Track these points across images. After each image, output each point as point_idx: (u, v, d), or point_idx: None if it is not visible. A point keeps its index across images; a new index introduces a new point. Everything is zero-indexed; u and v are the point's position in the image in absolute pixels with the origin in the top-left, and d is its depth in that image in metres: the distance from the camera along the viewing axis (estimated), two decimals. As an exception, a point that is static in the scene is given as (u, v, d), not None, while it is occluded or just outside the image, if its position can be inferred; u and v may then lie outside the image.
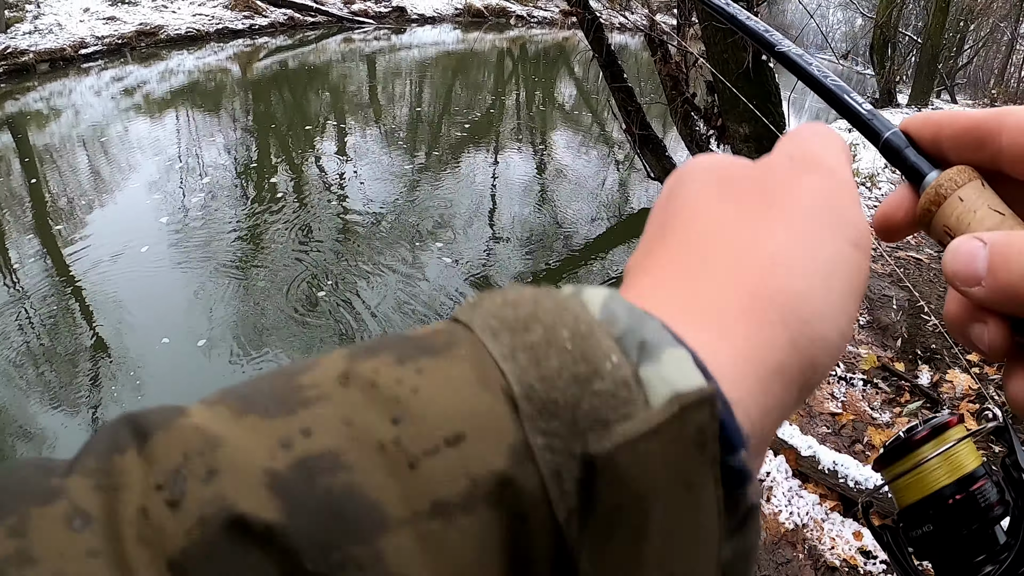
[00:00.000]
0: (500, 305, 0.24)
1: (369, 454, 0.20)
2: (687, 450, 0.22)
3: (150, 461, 0.21)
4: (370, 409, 0.21)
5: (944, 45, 18.77)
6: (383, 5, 23.83)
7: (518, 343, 0.22)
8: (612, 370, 0.22)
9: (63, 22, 16.86)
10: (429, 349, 0.23)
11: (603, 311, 0.24)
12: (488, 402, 0.21)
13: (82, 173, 9.61)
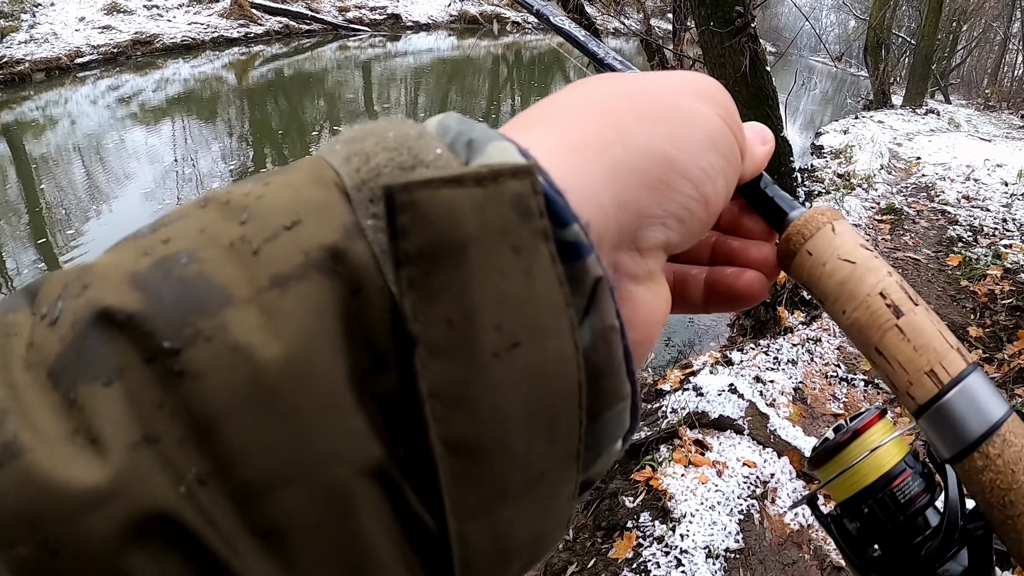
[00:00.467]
0: (343, 132, 0.27)
1: (219, 250, 0.22)
2: (505, 211, 0.23)
3: (38, 306, 0.23)
4: (222, 218, 0.23)
5: (937, 46, 18.85)
6: (378, 12, 23.87)
7: (352, 150, 0.25)
8: (435, 159, 0.25)
9: (58, 31, 16.86)
10: (281, 171, 0.26)
11: (438, 126, 0.28)
12: (322, 195, 0.24)
13: (79, 182, 9.61)
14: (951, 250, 6.07)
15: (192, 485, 0.20)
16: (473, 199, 0.23)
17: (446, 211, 0.22)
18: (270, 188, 0.24)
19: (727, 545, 2.95)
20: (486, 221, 0.23)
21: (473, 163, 0.25)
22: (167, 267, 0.22)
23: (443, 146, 0.26)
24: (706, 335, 6.05)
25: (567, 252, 0.25)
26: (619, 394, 0.27)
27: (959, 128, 14.53)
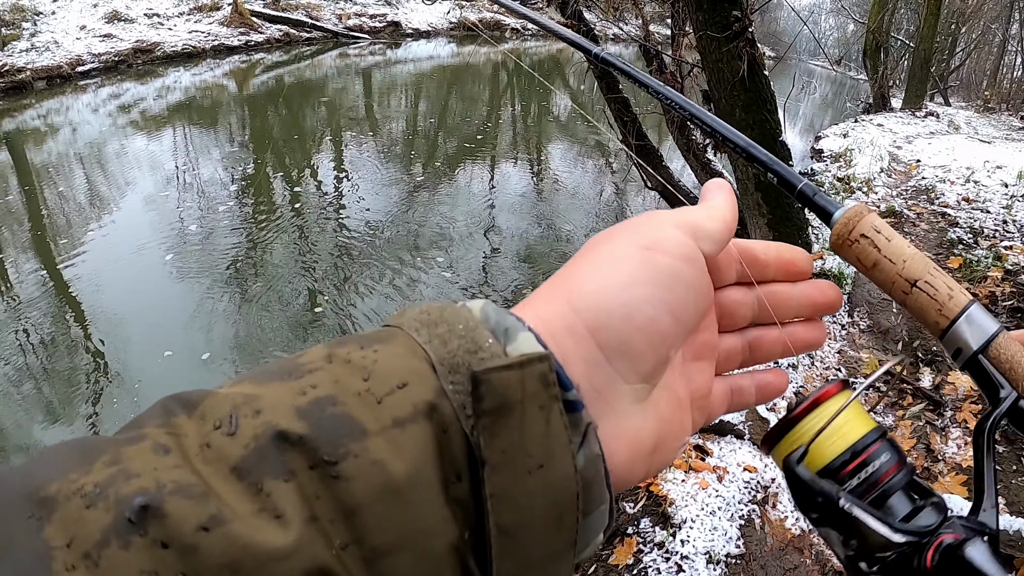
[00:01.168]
0: (418, 313, 0.39)
1: (353, 397, 0.34)
2: (535, 384, 0.36)
3: (202, 418, 0.33)
4: (349, 373, 0.35)
5: (936, 48, 18.85)
6: (378, 20, 23.91)
7: (432, 333, 0.37)
8: (489, 347, 0.37)
9: (60, 39, 16.91)
10: (379, 339, 0.37)
11: (481, 312, 0.39)
12: (419, 366, 0.36)
13: (80, 190, 9.63)
14: (952, 252, 6.06)
15: (339, 549, 0.31)
16: (518, 377, 0.35)
17: (504, 386, 0.35)
18: (380, 356, 0.36)
19: (728, 550, 2.95)
20: (525, 390, 0.35)
21: (510, 346, 0.38)
22: (321, 405, 0.33)
23: (490, 334, 0.38)
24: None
25: (570, 406, 0.37)
26: (602, 499, 0.39)
27: (959, 130, 14.52)
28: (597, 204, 9.61)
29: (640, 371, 0.42)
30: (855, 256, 0.55)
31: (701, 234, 0.46)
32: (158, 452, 0.31)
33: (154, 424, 0.33)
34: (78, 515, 0.29)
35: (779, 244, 0.55)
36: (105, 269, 6.95)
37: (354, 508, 0.32)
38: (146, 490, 0.29)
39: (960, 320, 0.52)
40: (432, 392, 0.35)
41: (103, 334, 5.85)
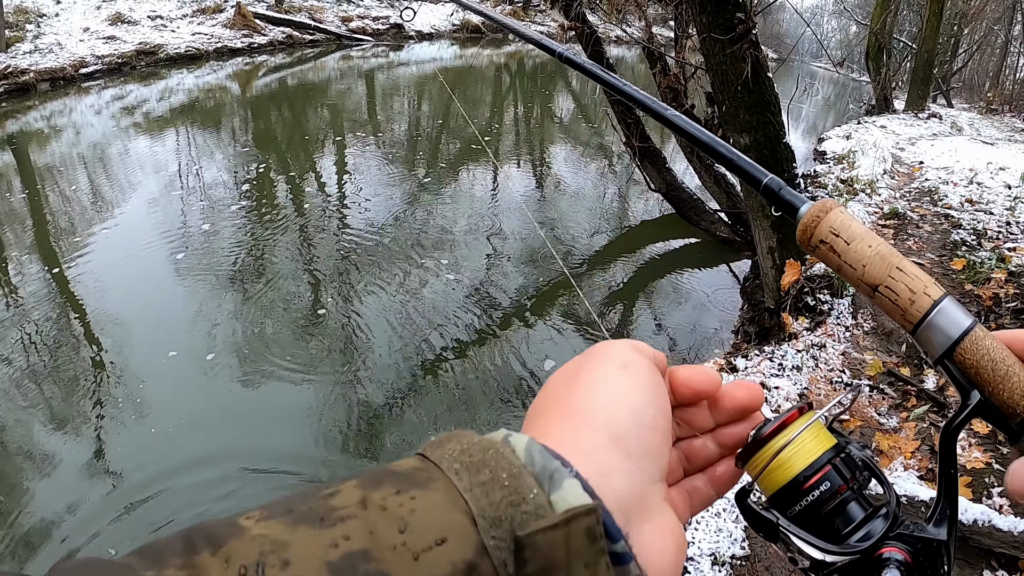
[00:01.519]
0: (459, 452, 0.38)
1: (388, 551, 0.32)
2: (581, 540, 0.35)
3: (227, 561, 0.31)
4: (385, 523, 0.34)
5: (939, 50, 18.84)
6: (381, 22, 23.93)
7: (474, 480, 0.36)
8: (534, 498, 0.36)
9: (63, 41, 16.94)
10: (416, 482, 0.36)
11: (525, 454, 0.38)
12: (459, 519, 0.34)
13: (83, 191, 9.64)
14: (955, 254, 6.06)
15: None
16: (563, 536, 0.34)
17: (549, 546, 0.34)
18: (418, 504, 0.35)
19: (733, 552, 2.95)
20: (570, 549, 0.34)
21: (555, 494, 0.36)
22: (354, 560, 0.32)
23: (536, 485, 0.36)
24: (710, 341, 6.06)
25: (617, 559, 0.37)
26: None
27: (961, 132, 14.52)
28: (600, 206, 9.61)
29: (662, 467, 0.45)
30: (821, 258, 0.58)
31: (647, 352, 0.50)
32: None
33: (176, 565, 0.31)
34: None
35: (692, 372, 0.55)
36: (109, 270, 6.96)
37: None
38: None
39: (923, 325, 0.54)
40: (472, 550, 0.33)
41: (107, 334, 5.86)
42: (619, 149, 9.98)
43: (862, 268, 0.55)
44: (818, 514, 0.51)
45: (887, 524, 0.51)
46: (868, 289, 0.55)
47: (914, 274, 0.54)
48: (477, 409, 5.04)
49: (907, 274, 0.54)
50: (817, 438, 0.53)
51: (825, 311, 5.00)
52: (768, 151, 4.92)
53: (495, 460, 0.37)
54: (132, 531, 3.85)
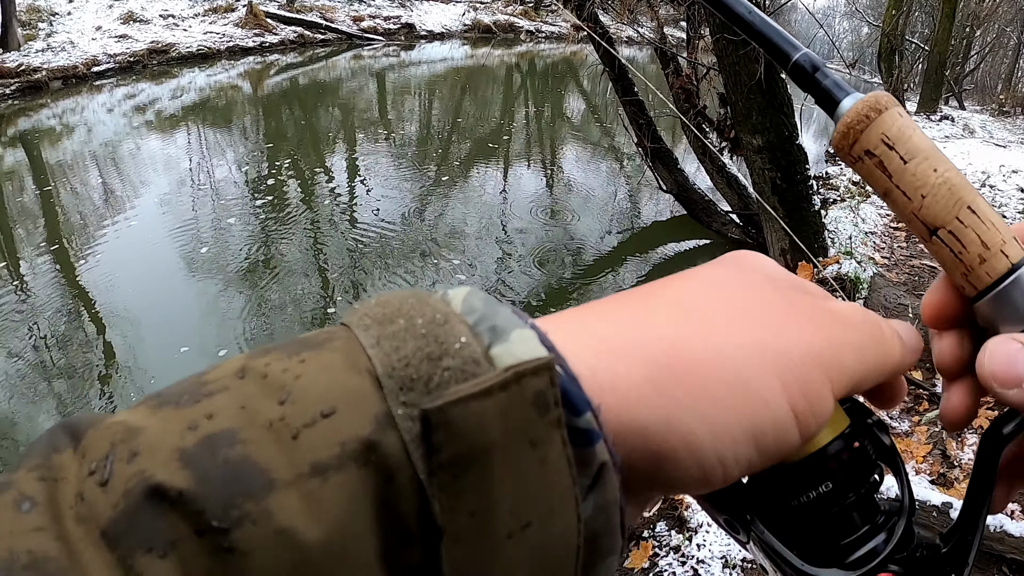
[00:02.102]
0: (373, 305, 0.29)
1: (260, 430, 0.25)
2: (526, 411, 0.26)
3: (83, 454, 0.25)
4: (261, 395, 0.26)
5: (951, 52, 18.76)
6: (392, 22, 23.95)
7: (383, 332, 0.27)
8: (460, 348, 0.27)
9: (75, 40, 17.01)
10: (312, 344, 0.28)
11: (463, 304, 0.29)
12: (356, 382, 0.26)
13: (95, 189, 9.69)
14: (968, 258, 6.03)
15: None
16: (498, 406, 0.25)
17: (475, 425, 0.25)
18: (307, 367, 0.26)
19: (744, 555, 2.94)
20: (508, 425, 0.25)
21: (495, 349, 0.27)
22: (213, 446, 0.24)
23: (468, 332, 0.27)
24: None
25: (579, 438, 0.27)
26: (611, 550, 0.29)
27: (974, 134, 14.47)
28: (611, 206, 9.60)
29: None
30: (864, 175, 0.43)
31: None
32: (20, 507, 0.24)
33: (32, 462, 0.26)
34: None
35: None
36: (120, 267, 6.99)
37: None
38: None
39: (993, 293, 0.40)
40: (371, 423, 0.25)
41: (118, 330, 5.89)
42: (630, 150, 9.95)
43: (920, 200, 0.40)
44: (812, 517, 0.40)
45: (895, 542, 0.40)
46: (924, 230, 0.41)
47: (990, 221, 0.40)
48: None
49: (982, 219, 0.40)
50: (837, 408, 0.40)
51: (837, 314, 4.98)
52: (781, 152, 4.91)
53: (416, 308, 0.28)
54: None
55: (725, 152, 6.71)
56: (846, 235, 6.11)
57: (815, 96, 0.46)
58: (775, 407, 0.32)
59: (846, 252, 5.45)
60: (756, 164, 5.05)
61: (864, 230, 6.44)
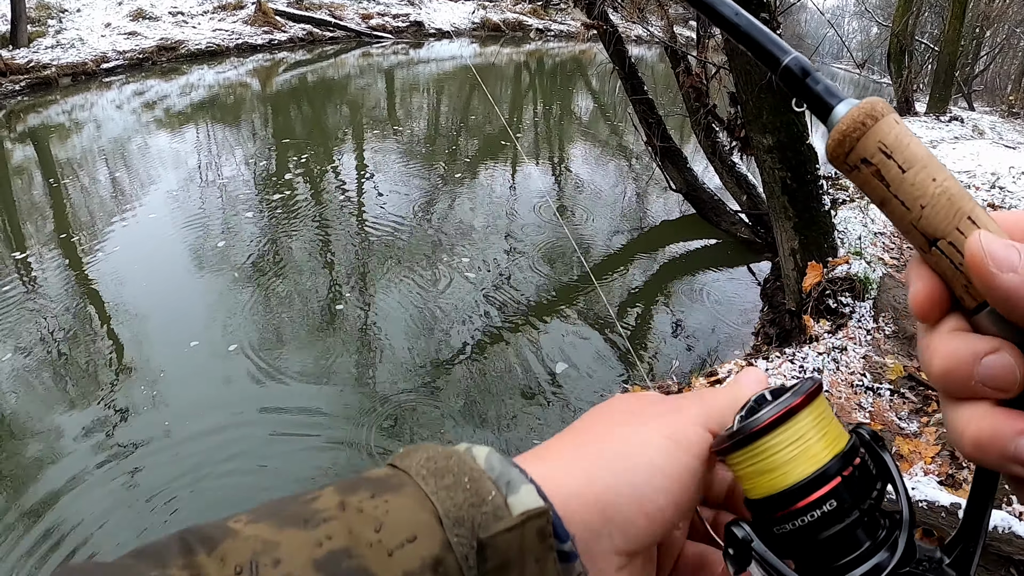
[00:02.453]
0: (426, 460, 0.42)
1: (366, 548, 0.36)
2: (533, 539, 0.39)
3: (222, 561, 0.35)
4: (362, 524, 0.38)
5: (961, 52, 18.70)
6: (401, 20, 23.99)
7: (439, 484, 0.40)
8: (492, 499, 0.40)
9: (85, 37, 17.06)
10: (388, 487, 0.40)
11: (486, 462, 0.42)
12: (427, 519, 0.38)
13: (104, 185, 9.71)
14: (977, 259, 6.02)
15: None
16: (519, 535, 0.39)
17: (506, 546, 0.38)
18: (391, 506, 0.39)
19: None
20: (524, 545, 0.39)
21: (512, 497, 0.40)
22: (337, 558, 0.36)
23: (493, 487, 0.40)
24: (730, 343, 6.04)
25: (564, 556, 0.40)
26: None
27: (983, 135, 14.42)
28: (620, 205, 9.59)
29: (632, 548, 0.46)
30: (860, 184, 0.43)
31: (699, 442, 0.48)
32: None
33: (178, 565, 0.34)
34: None
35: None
36: (129, 262, 7.01)
37: None
38: None
39: (989, 307, 0.39)
40: (439, 546, 0.38)
41: (127, 325, 5.91)
42: (638, 148, 9.97)
43: (919, 210, 0.40)
44: (812, 538, 0.41)
45: (899, 556, 0.41)
46: (923, 240, 0.40)
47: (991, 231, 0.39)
48: (493, 405, 5.04)
49: (983, 224, 0.40)
50: (826, 434, 0.42)
51: (846, 314, 4.98)
52: (791, 152, 4.90)
53: (457, 466, 0.41)
54: (149, 521, 3.88)
55: (735, 151, 6.71)
56: (855, 235, 6.10)
57: (807, 101, 0.46)
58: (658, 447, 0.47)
59: (855, 252, 5.44)
60: (766, 163, 5.05)
61: (874, 231, 6.43)
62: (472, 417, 4.90)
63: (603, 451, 0.47)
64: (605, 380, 5.38)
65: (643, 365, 5.65)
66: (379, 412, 4.87)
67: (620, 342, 5.94)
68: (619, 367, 5.59)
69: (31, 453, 4.49)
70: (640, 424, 0.49)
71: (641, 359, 5.74)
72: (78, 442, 4.57)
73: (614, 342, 5.93)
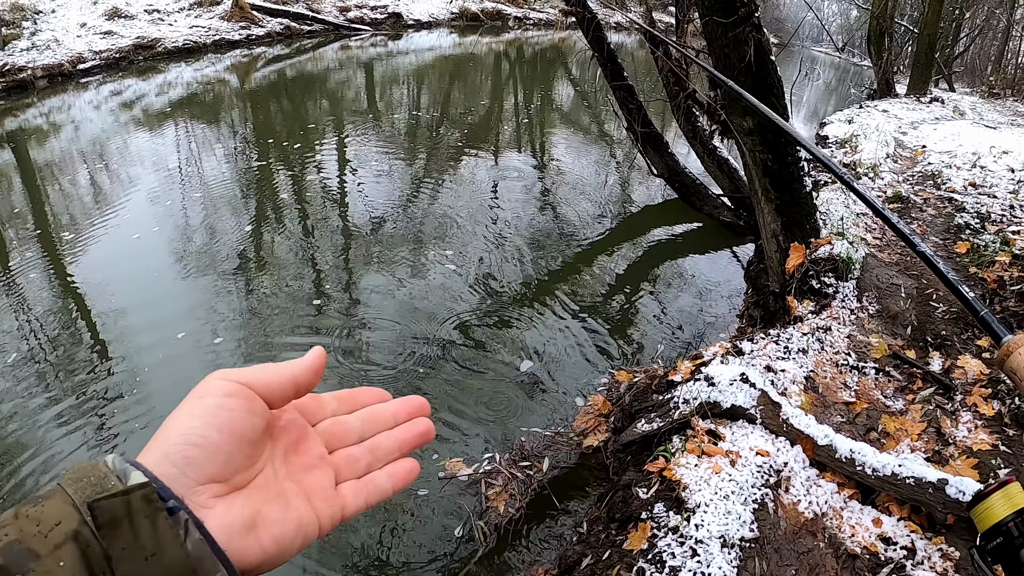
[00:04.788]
0: (74, 473, 0.55)
1: (31, 537, 0.50)
2: (139, 502, 0.53)
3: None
4: (28, 522, 0.51)
5: (940, 34, 18.76)
6: (379, 12, 23.86)
7: (77, 486, 0.53)
8: (113, 487, 0.53)
9: (60, 38, 16.89)
10: (47, 497, 0.53)
11: (111, 464, 0.56)
12: (68, 509, 0.52)
13: (83, 187, 9.63)
14: (959, 237, 6.05)
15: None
16: (123, 501, 0.51)
17: (111, 507, 0.51)
18: (46, 507, 0.51)
19: (742, 534, 2.94)
20: (131, 507, 0.51)
21: (129, 482, 0.53)
22: (11, 545, 0.49)
23: (116, 478, 0.54)
24: (715, 326, 6.05)
25: (172, 511, 0.53)
26: (215, 568, 0.55)
27: (964, 116, 14.48)
28: (602, 192, 9.59)
29: (205, 475, 0.58)
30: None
31: (254, 382, 0.63)
32: None
33: None
34: None
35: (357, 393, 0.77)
36: (111, 260, 6.98)
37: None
38: None
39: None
40: (76, 523, 0.50)
41: (113, 320, 5.88)
42: (620, 135, 9.94)
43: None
44: (1008, 549, 0.81)
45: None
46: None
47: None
48: (475, 395, 5.03)
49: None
50: (1012, 500, 0.83)
51: (830, 294, 4.99)
52: (772, 134, 4.89)
53: (91, 472, 0.54)
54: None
55: (715, 135, 6.70)
56: (838, 216, 6.11)
57: (984, 328, 0.97)
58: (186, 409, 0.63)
59: (838, 233, 5.45)
60: (747, 146, 5.04)
61: (856, 211, 6.44)
62: (455, 409, 4.89)
63: (165, 429, 0.59)
64: (589, 368, 5.38)
65: (629, 348, 5.66)
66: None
67: (604, 328, 5.94)
68: (602, 354, 5.59)
69: (14, 448, 4.46)
70: (182, 403, 0.62)
71: (629, 344, 5.75)
72: (59, 430, 4.54)
73: (597, 329, 5.93)
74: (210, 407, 0.60)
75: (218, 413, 0.60)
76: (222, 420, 0.60)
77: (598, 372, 5.29)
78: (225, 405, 0.61)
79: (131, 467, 0.55)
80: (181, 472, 0.57)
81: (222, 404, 0.61)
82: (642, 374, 4.64)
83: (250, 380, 0.63)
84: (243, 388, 0.62)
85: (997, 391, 3.94)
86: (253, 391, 0.63)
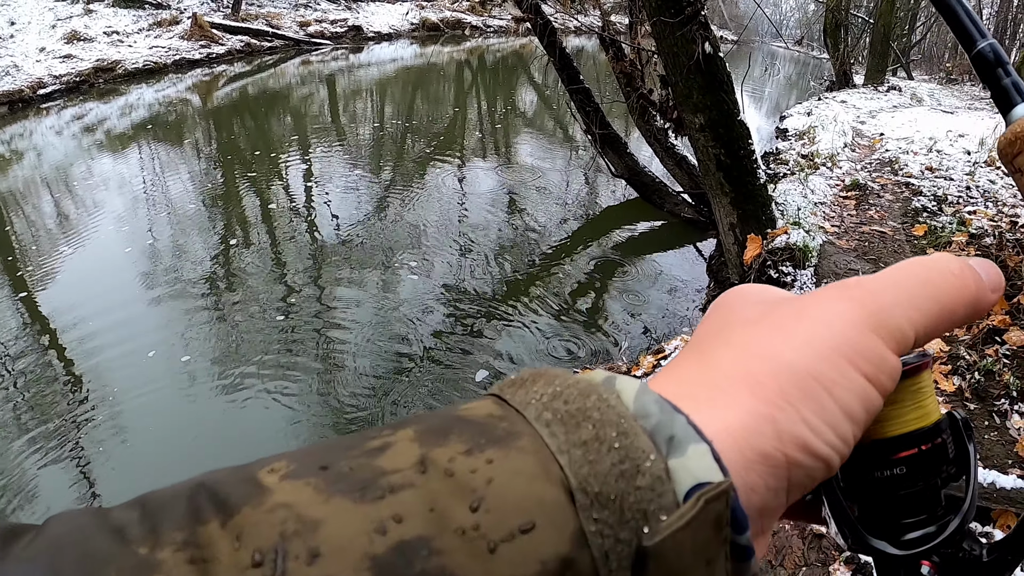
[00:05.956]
0: (550, 397, 0.29)
1: (454, 538, 0.24)
2: (708, 533, 0.26)
3: (237, 535, 0.24)
4: (450, 496, 0.25)
5: (896, 23, 19.01)
6: (339, 25, 23.84)
7: (572, 439, 0.27)
8: (651, 467, 0.27)
9: (19, 63, 16.74)
10: (494, 439, 0.27)
11: (636, 403, 0.29)
12: (553, 494, 0.25)
13: (48, 214, 9.56)
14: (916, 220, 6.15)
15: None
16: (692, 535, 0.26)
17: (676, 554, 0.26)
18: (496, 470, 0.26)
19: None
20: (696, 547, 0.26)
21: (672, 462, 0.27)
22: (407, 556, 0.23)
23: (653, 448, 0.27)
24: (679, 320, 6.11)
25: (739, 553, 0.28)
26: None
27: (922, 103, 14.70)
28: (567, 194, 9.65)
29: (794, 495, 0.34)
30: (1021, 187, 0.43)
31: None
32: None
33: (175, 541, 0.23)
34: None
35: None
36: (79, 284, 6.93)
37: None
38: None
39: None
40: (569, 541, 0.25)
41: (82, 342, 5.84)
42: (582, 138, 10.00)
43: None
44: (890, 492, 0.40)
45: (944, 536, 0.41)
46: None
47: None
48: (444, 399, 5.05)
49: None
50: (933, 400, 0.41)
51: (788, 283, 5.06)
52: (723, 128, 4.97)
53: (599, 411, 0.28)
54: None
55: (670, 132, 6.77)
56: (795, 207, 6.19)
57: (992, 90, 0.45)
58: (850, 382, 0.33)
59: (794, 223, 5.53)
60: (699, 142, 5.11)
61: (814, 200, 6.53)
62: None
63: (769, 382, 0.32)
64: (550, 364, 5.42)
65: (596, 346, 5.70)
66: (336, 413, 4.87)
67: (571, 328, 5.99)
68: (569, 354, 5.63)
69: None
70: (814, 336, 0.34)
71: (595, 342, 5.79)
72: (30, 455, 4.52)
73: (564, 330, 5.97)
74: (847, 386, 0.34)
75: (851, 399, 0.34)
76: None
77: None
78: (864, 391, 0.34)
79: (688, 432, 0.28)
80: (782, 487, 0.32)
81: (861, 389, 0.34)
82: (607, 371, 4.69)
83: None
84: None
85: (957, 367, 4.02)
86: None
